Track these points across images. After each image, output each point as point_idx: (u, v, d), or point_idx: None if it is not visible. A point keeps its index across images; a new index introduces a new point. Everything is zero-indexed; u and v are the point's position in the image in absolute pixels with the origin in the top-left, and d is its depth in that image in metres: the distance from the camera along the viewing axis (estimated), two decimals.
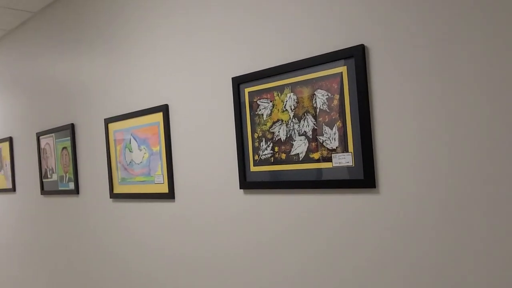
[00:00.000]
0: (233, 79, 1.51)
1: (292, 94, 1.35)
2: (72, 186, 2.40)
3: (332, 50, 1.26)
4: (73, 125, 2.38)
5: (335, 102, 1.25)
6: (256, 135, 1.46)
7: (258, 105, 1.45)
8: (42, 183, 2.69)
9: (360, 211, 1.22)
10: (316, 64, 1.28)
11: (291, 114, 1.35)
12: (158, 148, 1.85)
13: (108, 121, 2.10)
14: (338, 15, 1.25)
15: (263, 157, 1.44)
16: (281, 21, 1.39)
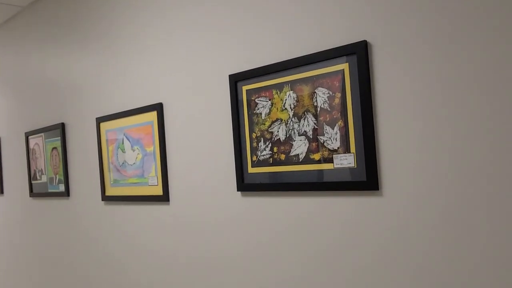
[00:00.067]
0: (230, 77, 1.53)
1: (292, 92, 1.36)
2: (63, 188, 2.42)
3: (334, 47, 1.27)
4: (64, 125, 2.40)
5: (337, 101, 1.26)
6: (254, 135, 1.47)
7: (256, 104, 1.46)
8: (31, 185, 2.71)
9: (363, 215, 1.23)
10: (317, 61, 1.30)
11: (291, 113, 1.37)
12: (152, 149, 1.87)
13: (100, 120, 2.12)
14: (340, 10, 1.26)
15: (262, 158, 1.45)
16: (281, 16, 1.40)
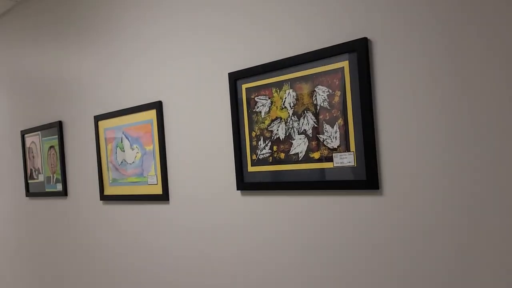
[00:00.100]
0: (230, 75, 1.54)
1: (291, 91, 1.38)
2: (60, 188, 2.43)
3: (333, 44, 1.29)
4: (61, 123, 2.41)
5: (337, 99, 1.28)
6: (254, 134, 1.49)
7: (256, 102, 1.48)
8: (28, 185, 2.72)
9: (363, 214, 1.25)
10: (317, 59, 1.31)
11: (290, 112, 1.39)
12: (152, 147, 1.88)
13: (98, 119, 2.14)
14: (340, 7, 1.28)
15: (261, 157, 1.47)
16: (280, 14, 1.42)
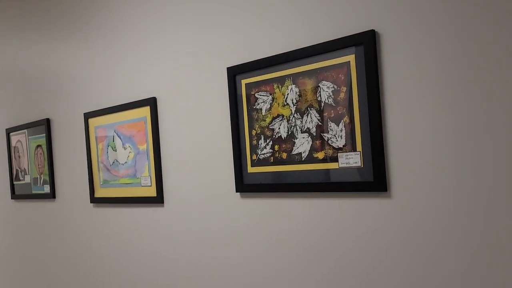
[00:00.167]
0: (229, 70, 1.54)
1: (294, 86, 1.37)
2: (48, 190, 2.43)
3: (339, 37, 1.28)
4: (49, 120, 2.40)
5: (342, 95, 1.27)
6: (254, 132, 1.48)
7: (256, 99, 1.47)
8: (13, 186, 2.72)
9: (370, 217, 1.25)
10: (321, 53, 1.31)
11: (293, 109, 1.38)
12: (145, 147, 1.87)
13: (89, 116, 2.13)
14: None
15: (262, 157, 1.46)
16: (282, 5, 1.41)
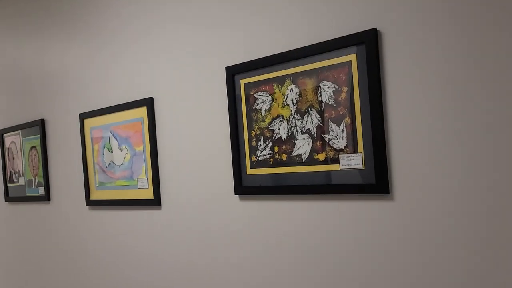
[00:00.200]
0: (227, 69, 1.54)
1: (294, 86, 1.37)
2: (43, 192, 2.43)
3: (340, 36, 1.28)
4: (43, 121, 2.40)
5: (343, 96, 1.27)
6: (253, 133, 1.48)
7: (256, 99, 1.47)
8: (7, 189, 2.72)
9: (372, 220, 1.25)
10: (321, 52, 1.30)
11: (293, 109, 1.38)
12: (142, 148, 1.87)
13: (84, 117, 2.13)
14: None
15: (261, 158, 1.46)
16: (282, 3, 1.41)
